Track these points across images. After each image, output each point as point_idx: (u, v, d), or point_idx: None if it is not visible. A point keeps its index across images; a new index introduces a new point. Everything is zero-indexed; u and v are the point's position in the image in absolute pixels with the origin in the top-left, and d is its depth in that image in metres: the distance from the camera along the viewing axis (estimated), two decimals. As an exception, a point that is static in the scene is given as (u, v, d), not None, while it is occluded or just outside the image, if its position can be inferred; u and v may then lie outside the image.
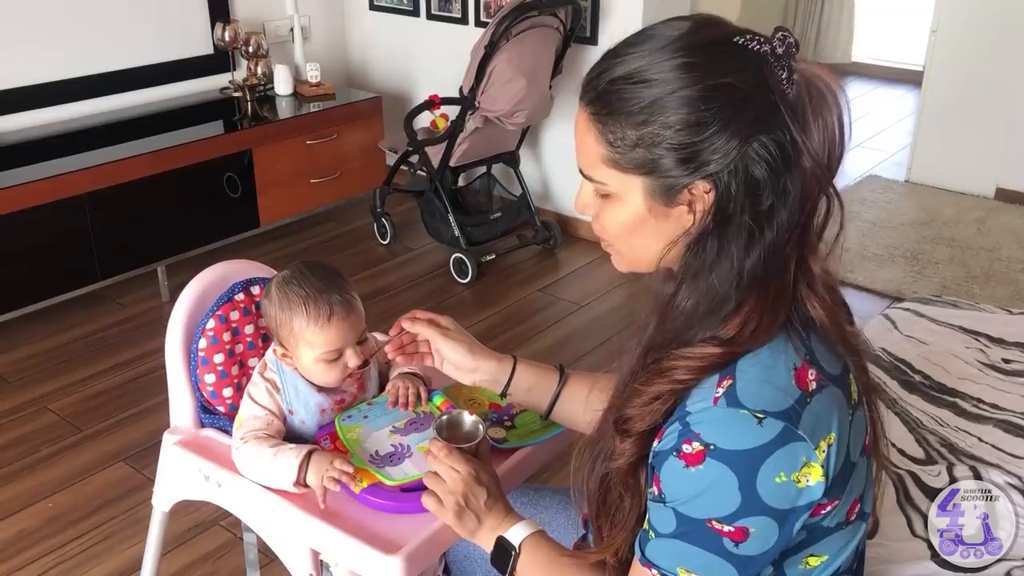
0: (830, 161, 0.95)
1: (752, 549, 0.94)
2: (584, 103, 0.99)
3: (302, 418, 1.40)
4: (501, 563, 1.15)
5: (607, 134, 0.96)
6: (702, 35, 0.95)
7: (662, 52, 0.94)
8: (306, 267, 1.39)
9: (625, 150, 0.95)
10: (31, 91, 3.41)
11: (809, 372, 0.95)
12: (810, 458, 0.92)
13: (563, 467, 2.34)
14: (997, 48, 4.30)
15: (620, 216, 1.01)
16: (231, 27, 3.79)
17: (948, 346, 2.22)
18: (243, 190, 3.60)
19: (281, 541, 1.34)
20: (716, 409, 0.92)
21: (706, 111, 0.91)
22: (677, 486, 0.95)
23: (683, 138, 0.92)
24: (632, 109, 0.94)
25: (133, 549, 2.21)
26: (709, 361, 0.95)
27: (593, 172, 1.00)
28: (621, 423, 1.01)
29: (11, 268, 3.01)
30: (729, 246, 0.95)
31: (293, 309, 1.35)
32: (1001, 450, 1.84)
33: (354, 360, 1.36)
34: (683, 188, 0.95)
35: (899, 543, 1.59)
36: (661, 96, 0.92)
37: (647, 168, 0.95)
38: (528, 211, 3.85)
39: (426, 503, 1.18)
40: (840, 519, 1.01)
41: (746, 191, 0.93)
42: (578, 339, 3.23)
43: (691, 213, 0.97)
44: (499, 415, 1.44)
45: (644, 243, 1.01)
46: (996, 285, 3.61)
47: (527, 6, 3.28)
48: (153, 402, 2.75)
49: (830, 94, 0.95)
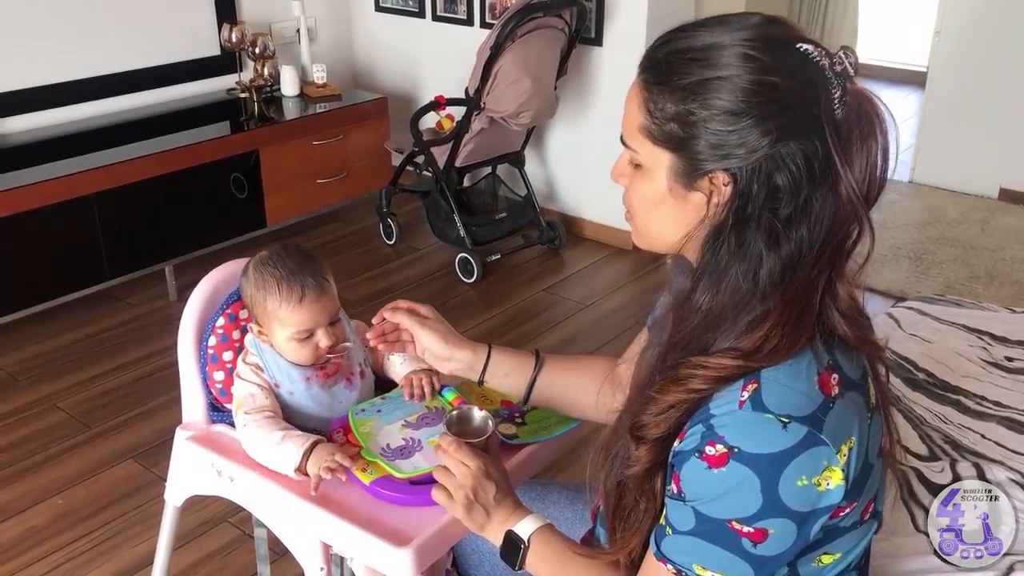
0: (868, 190, 0.94)
1: (770, 550, 0.94)
2: (640, 69, 0.99)
3: (289, 389, 1.43)
4: (510, 556, 1.16)
5: (649, 103, 0.97)
6: (770, 31, 0.95)
7: (728, 37, 0.94)
8: (283, 249, 1.45)
9: (661, 122, 0.96)
10: (40, 92, 3.44)
11: (832, 377, 0.95)
12: (831, 462, 0.93)
13: (571, 463, 2.37)
14: (1000, 49, 4.31)
15: (644, 189, 1.02)
16: (238, 28, 3.81)
17: (951, 344, 2.22)
18: (250, 190, 3.61)
19: (292, 535, 1.36)
20: (742, 413, 0.93)
21: (746, 103, 0.91)
22: (699, 486, 0.95)
23: (718, 124, 0.93)
24: (680, 83, 0.94)
25: (142, 546, 2.22)
26: (726, 372, 0.95)
27: (630, 139, 1.01)
28: (636, 430, 1.02)
29: (20, 268, 3.03)
30: (746, 248, 0.95)
31: (267, 289, 1.40)
32: (1004, 446, 1.85)
33: (325, 341, 1.41)
34: (704, 174, 0.95)
35: (902, 538, 1.60)
36: (711, 77, 0.93)
37: (676, 144, 0.96)
38: (533, 211, 3.86)
39: (436, 497, 1.20)
40: (855, 519, 1.02)
41: (766, 195, 0.93)
42: (583, 338, 3.24)
43: (708, 203, 0.97)
44: (510, 412, 1.46)
45: (660, 223, 1.03)
46: (1000, 285, 3.61)
47: (532, 7, 3.29)
48: (161, 400, 2.76)
49: (879, 122, 0.94)
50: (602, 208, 3.97)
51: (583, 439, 1.51)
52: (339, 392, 1.46)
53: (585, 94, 3.86)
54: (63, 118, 3.53)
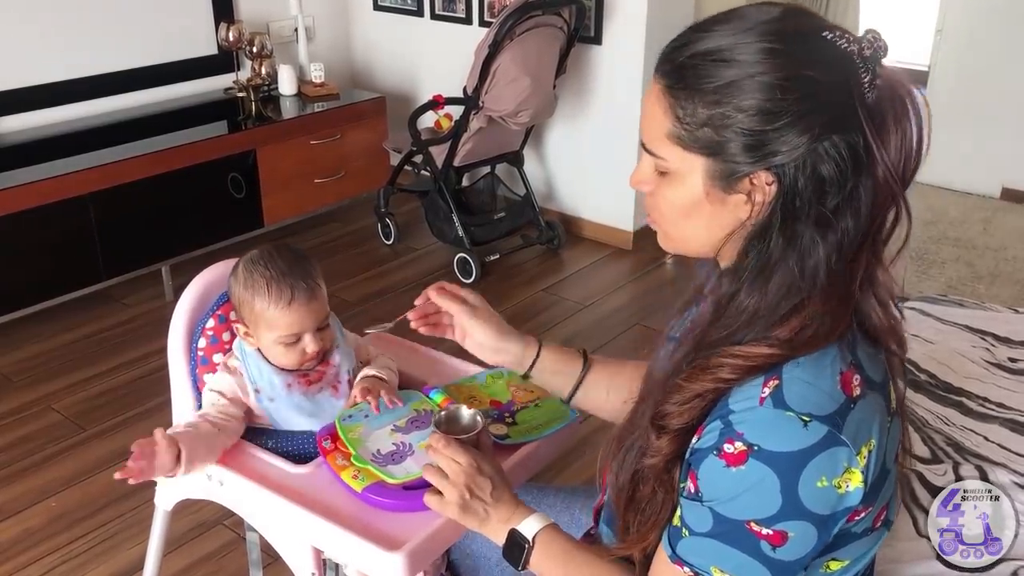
0: (904, 172, 0.92)
1: (789, 554, 0.92)
2: (659, 74, 0.96)
3: (270, 395, 1.41)
4: (513, 556, 1.14)
5: (677, 109, 0.93)
6: (792, 23, 0.92)
7: (748, 33, 0.91)
8: (274, 249, 1.41)
9: (692, 128, 0.93)
10: (36, 91, 3.42)
11: (854, 378, 0.93)
12: (851, 464, 0.91)
13: (568, 465, 2.35)
14: (1002, 48, 4.29)
15: (676, 196, 0.98)
16: (235, 27, 3.80)
17: (954, 345, 2.20)
18: (247, 190, 3.60)
19: (283, 540, 1.34)
20: (762, 410, 0.91)
21: (782, 100, 0.89)
22: (717, 485, 0.93)
23: (754, 124, 0.90)
24: (707, 87, 0.91)
25: (137, 548, 2.21)
26: (760, 362, 0.93)
27: (656, 147, 0.97)
28: (659, 419, 0.99)
29: (16, 268, 3.02)
30: (796, 243, 0.92)
31: (256, 289, 1.37)
32: (1007, 449, 1.83)
33: (312, 346, 1.39)
34: (744, 176, 0.92)
35: (905, 542, 1.58)
36: (739, 78, 0.90)
37: (712, 149, 0.93)
38: (532, 211, 3.85)
39: (428, 501, 1.18)
40: (867, 525, 1.00)
41: (813, 188, 0.91)
42: (582, 339, 3.22)
43: (749, 203, 0.94)
44: (500, 412, 1.44)
45: (695, 228, 0.99)
46: (1002, 285, 3.60)
47: (531, 5, 3.28)
48: (157, 401, 2.75)
49: (912, 103, 0.92)
50: (601, 208, 3.95)
51: (580, 442, 1.49)
52: (324, 400, 1.43)
53: (584, 93, 3.84)
54: (59, 117, 3.51)
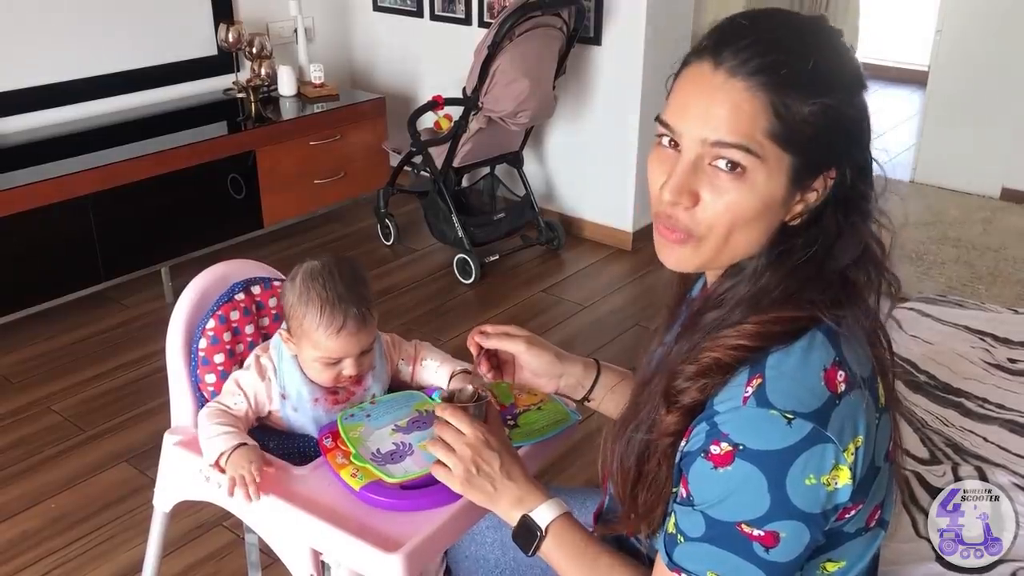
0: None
1: (782, 555, 0.92)
2: (748, 72, 0.90)
3: (295, 405, 1.40)
4: (524, 542, 1.12)
5: (777, 106, 0.89)
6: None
7: (799, 19, 0.96)
8: (336, 266, 1.39)
9: (794, 124, 0.90)
10: (35, 92, 3.42)
11: (838, 374, 0.93)
12: (839, 460, 0.91)
13: (566, 467, 2.35)
14: (1002, 48, 4.29)
15: (748, 199, 0.93)
16: (235, 28, 3.80)
17: (953, 346, 2.20)
18: (247, 191, 3.59)
19: (281, 541, 1.33)
20: (745, 409, 0.91)
21: (860, 77, 0.94)
22: (706, 488, 0.93)
23: (847, 108, 0.92)
24: (810, 76, 0.90)
25: (136, 550, 2.20)
26: (781, 325, 0.94)
27: (749, 143, 0.90)
28: (670, 394, 0.99)
29: (15, 269, 3.01)
30: (828, 236, 0.96)
31: (309, 307, 1.36)
32: (1006, 450, 1.83)
33: (350, 371, 1.39)
34: (820, 174, 0.95)
35: (905, 544, 1.58)
36: (830, 61, 0.92)
37: (806, 144, 0.92)
38: (532, 211, 3.84)
39: (435, 472, 1.17)
40: (860, 525, 1.00)
41: (857, 179, 0.96)
42: (582, 340, 3.22)
43: (802, 202, 0.96)
44: (503, 415, 1.43)
45: (758, 231, 0.96)
46: (1002, 285, 3.60)
47: (530, 6, 3.27)
48: (156, 403, 2.74)
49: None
50: (601, 208, 3.95)
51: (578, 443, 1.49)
52: None
53: (584, 94, 3.84)
54: (58, 118, 3.51)
